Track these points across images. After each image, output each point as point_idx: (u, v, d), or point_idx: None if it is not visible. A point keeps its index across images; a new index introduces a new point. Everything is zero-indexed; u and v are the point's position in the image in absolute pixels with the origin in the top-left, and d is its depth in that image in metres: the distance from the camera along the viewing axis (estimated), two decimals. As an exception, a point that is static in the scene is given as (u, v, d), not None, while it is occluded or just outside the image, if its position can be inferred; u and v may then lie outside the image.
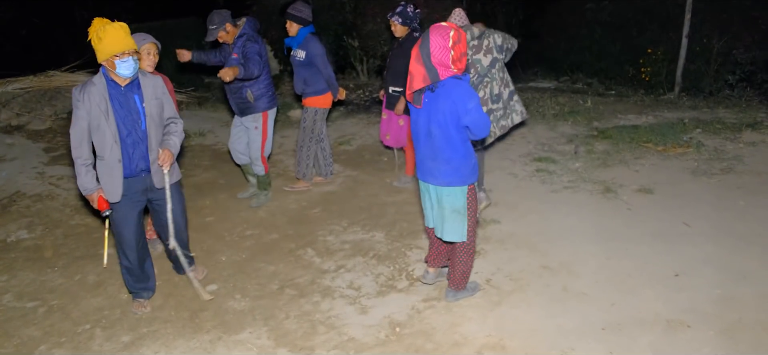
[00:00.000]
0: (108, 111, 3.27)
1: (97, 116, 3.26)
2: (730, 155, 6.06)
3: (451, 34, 3.09)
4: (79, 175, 3.37)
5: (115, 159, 3.36)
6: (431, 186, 3.42)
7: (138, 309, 3.67)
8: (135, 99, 3.36)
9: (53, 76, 9.15)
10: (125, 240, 3.55)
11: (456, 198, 3.34)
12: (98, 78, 3.29)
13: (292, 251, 4.44)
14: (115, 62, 3.21)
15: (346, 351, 3.24)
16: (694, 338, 3.20)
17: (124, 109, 3.33)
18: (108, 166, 3.36)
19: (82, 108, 3.26)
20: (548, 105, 8.48)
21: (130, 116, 3.35)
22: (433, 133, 3.25)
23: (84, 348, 3.37)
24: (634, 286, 3.73)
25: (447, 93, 3.15)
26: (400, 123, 5.41)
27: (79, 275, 4.21)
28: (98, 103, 3.25)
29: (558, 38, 12.04)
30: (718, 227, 4.48)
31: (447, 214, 3.37)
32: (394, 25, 5.17)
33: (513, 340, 3.25)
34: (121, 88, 3.31)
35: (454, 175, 3.29)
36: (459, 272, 3.56)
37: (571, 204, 5.04)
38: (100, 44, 3.18)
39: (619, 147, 6.45)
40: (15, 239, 4.84)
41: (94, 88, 3.26)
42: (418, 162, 3.45)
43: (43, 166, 6.46)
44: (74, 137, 3.31)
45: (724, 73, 9.31)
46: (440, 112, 3.18)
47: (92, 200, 3.41)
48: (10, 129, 7.68)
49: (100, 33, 3.17)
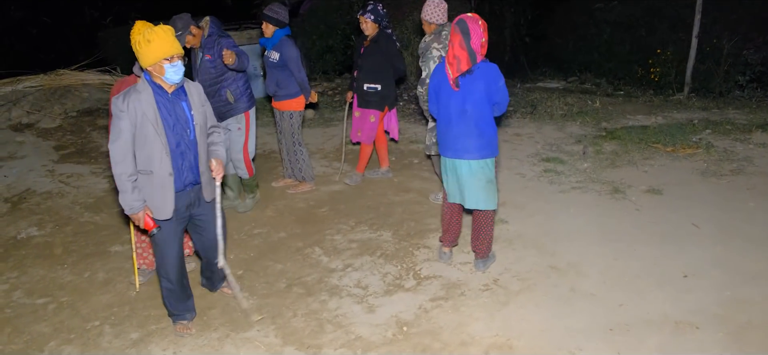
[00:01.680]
0: (157, 120, 3.02)
1: (144, 126, 3.00)
2: (740, 156, 6.02)
3: (480, 24, 3.57)
4: (124, 192, 3.05)
5: (165, 172, 3.09)
6: (464, 162, 3.73)
7: (183, 331, 3.43)
8: (183, 106, 3.13)
9: (63, 75, 9.24)
10: (169, 261, 3.30)
11: (489, 169, 3.77)
12: (142, 85, 3.04)
13: (300, 250, 4.45)
14: (164, 67, 3.00)
15: (354, 350, 3.24)
16: (703, 339, 3.18)
17: (173, 117, 3.09)
18: (157, 180, 3.09)
19: (125, 118, 2.97)
20: (556, 105, 8.46)
21: (179, 125, 3.11)
22: (468, 111, 3.65)
23: (93, 345, 3.40)
24: (643, 287, 3.71)
25: (482, 74, 3.61)
26: (371, 120, 5.43)
27: (88, 272, 4.24)
28: (145, 111, 2.99)
29: (566, 38, 12.02)
30: (727, 228, 4.45)
31: (483, 184, 3.75)
32: (365, 23, 5.18)
33: (520, 340, 3.24)
34: (169, 94, 3.09)
35: (487, 148, 3.72)
36: (486, 242, 3.94)
37: (580, 205, 5.02)
38: (148, 47, 2.96)
39: (627, 148, 6.42)
40: (25, 236, 4.88)
41: (140, 96, 3.00)
42: (450, 142, 3.76)
43: (53, 164, 6.51)
44: (117, 151, 3.00)
45: (734, 74, 9.25)
46: (477, 91, 3.62)
47: (138, 219, 3.12)
48: (20, 127, 7.75)
49: (148, 35, 2.97)
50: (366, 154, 5.67)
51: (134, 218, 3.13)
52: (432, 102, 3.92)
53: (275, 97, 5.29)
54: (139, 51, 2.99)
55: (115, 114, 3.00)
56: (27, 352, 3.35)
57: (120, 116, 2.97)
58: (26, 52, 13.31)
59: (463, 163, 3.74)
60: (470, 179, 3.75)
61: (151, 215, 3.14)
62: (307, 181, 5.61)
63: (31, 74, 9.06)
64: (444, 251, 4.15)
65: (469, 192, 3.78)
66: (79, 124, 7.97)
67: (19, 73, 9.06)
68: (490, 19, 11.73)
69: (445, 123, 3.77)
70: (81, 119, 8.13)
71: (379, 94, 5.33)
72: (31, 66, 9.61)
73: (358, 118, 5.56)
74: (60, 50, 12.73)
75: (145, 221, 3.12)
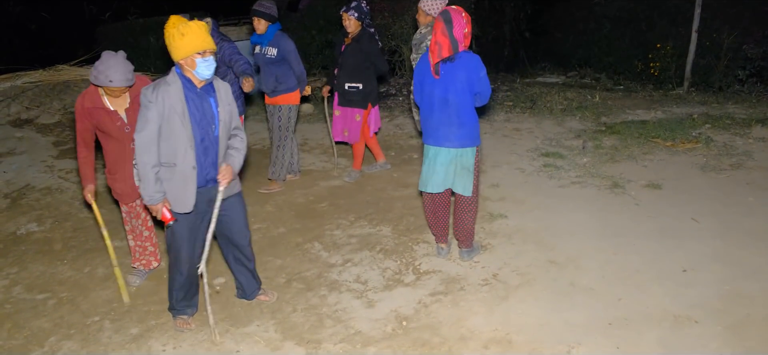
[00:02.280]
0: (184, 113, 3.03)
1: (171, 118, 3.01)
2: (740, 151, 6.02)
3: (464, 16, 3.66)
4: (146, 181, 3.05)
5: (189, 166, 3.09)
6: (444, 149, 3.81)
7: (183, 326, 3.44)
8: (210, 102, 3.14)
9: (62, 70, 9.23)
10: (184, 255, 3.28)
11: (468, 158, 3.83)
12: (173, 78, 3.05)
13: (300, 245, 4.45)
14: (196, 61, 2.99)
15: (353, 345, 3.25)
16: (702, 333, 3.19)
17: (200, 112, 3.09)
18: (180, 173, 3.09)
19: (153, 109, 2.98)
20: (556, 100, 8.45)
21: (204, 120, 3.11)
22: (450, 100, 3.71)
23: (93, 340, 3.40)
24: (642, 281, 3.71)
25: (463, 64, 3.67)
26: (356, 119, 5.41)
27: (88, 268, 4.25)
28: (173, 104, 3.00)
29: (566, 33, 12.00)
30: (727, 222, 4.46)
31: (459, 170, 3.83)
32: (348, 20, 5.13)
33: (520, 334, 3.25)
34: (197, 89, 3.09)
35: (468, 138, 3.78)
36: (467, 231, 3.99)
37: (579, 199, 5.03)
38: (182, 41, 2.96)
39: (627, 142, 6.42)
40: (25, 231, 4.88)
41: (170, 89, 3.01)
42: (431, 130, 3.84)
43: (52, 160, 6.50)
44: (143, 141, 3.00)
45: (734, 68, 9.25)
46: (458, 81, 3.68)
47: (156, 210, 3.13)
48: (19, 123, 7.75)
49: (183, 29, 2.96)
50: (359, 151, 5.65)
51: (152, 208, 3.14)
52: (416, 91, 3.99)
53: (273, 93, 5.23)
54: (172, 44, 3.00)
55: (143, 104, 3.01)
56: (27, 347, 3.35)
57: (148, 107, 2.98)
58: (25, 47, 13.29)
59: (443, 151, 3.83)
60: (449, 166, 3.84)
61: (169, 208, 3.14)
62: (278, 181, 5.50)
63: (30, 70, 9.06)
64: (441, 246, 4.17)
65: (446, 177, 3.88)
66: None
67: (18, 68, 9.05)
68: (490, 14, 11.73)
69: (428, 111, 3.85)
70: (80, 115, 8.11)
71: (361, 92, 5.30)
72: (30, 61, 9.60)
73: (339, 117, 5.49)
74: (59, 46, 12.69)
75: (162, 213, 3.12)
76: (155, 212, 3.15)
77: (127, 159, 3.63)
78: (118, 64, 3.40)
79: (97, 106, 3.54)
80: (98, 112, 3.55)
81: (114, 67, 3.38)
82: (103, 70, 3.38)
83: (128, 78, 3.44)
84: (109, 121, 3.58)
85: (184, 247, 3.27)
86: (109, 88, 3.47)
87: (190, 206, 3.16)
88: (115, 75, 3.39)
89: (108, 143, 3.68)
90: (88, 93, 3.56)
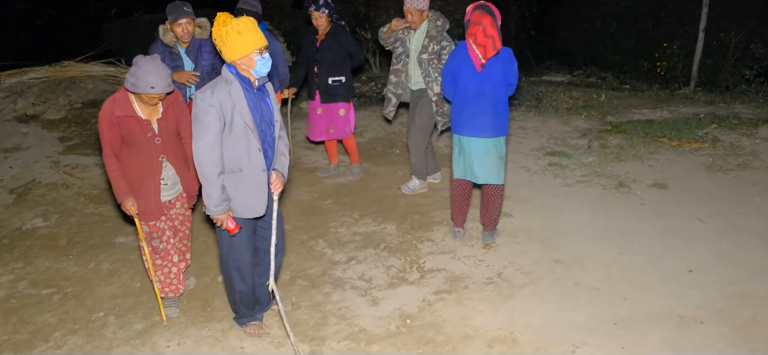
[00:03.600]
0: (248, 115, 2.87)
1: (234, 121, 2.84)
2: (746, 151, 5.99)
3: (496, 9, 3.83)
4: (212, 190, 2.88)
5: (258, 168, 2.95)
6: (480, 140, 3.96)
7: (260, 332, 3.33)
8: (267, 102, 3.00)
9: (68, 66, 9.25)
10: (246, 264, 3.16)
11: (502, 146, 4.04)
12: (230, 78, 2.86)
13: (304, 242, 4.46)
14: (255, 59, 2.84)
15: (357, 342, 3.25)
16: (708, 334, 3.18)
17: (259, 112, 2.94)
18: (249, 177, 2.94)
19: (213, 113, 2.78)
20: (562, 99, 8.42)
21: (263, 121, 2.96)
22: (487, 92, 3.88)
23: (98, 335, 3.41)
24: (647, 281, 3.70)
25: (501, 58, 3.86)
26: (340, 113, 5.36)
27: (93, 263, 4.26)
28: (235, 105, 2.83)
29: (572, 31, 11.95)
30: (733, 223, 4.43)
31: (495, 160, 4.00)
32: (320, 18, 5.03)
33: (524, 333, 3.24)
34: (254, 89, 2.94)
35: (502, 127, 3.99)
36: (496, 214, 4.21)
37: (584, 198, 5.01)
38: (240, 39, 2.78)
39: (633, 142, 6.39)
40: (30, 227, 4.90)
41: (230, 89, 2.83)
42: (465, 120, 3.97)
43: (58, 156, 6.52)
44: (206, 148, 2.82)
45: (741, 68, 9.19)
46: (497, 73, 3.87)
47: (222, 220, 2.96)
48: (25, 118, 7.77)
49: (239, 26, 2.79)
50: (352, 144, 5.62)
51: (217, 219, 2.96)
52: (448, 85, 4.10)
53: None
54: (227, 43, 2.80)
55: (202, 109, 2.80)
56: (32, 342, 3.37)
57: (207, 111, 2.79)
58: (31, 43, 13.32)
59: (479, 142, 3.97)
60: (485, 156, 3.98)
61: (232, 216, 2.99)
62: None
63: (36, 65, 9.07)
64: (457, 229, 4.34)
65: (482, 168, 4.01)
66: (83, 115, 7.98)
67: (24, 64, 9.07)
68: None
69: (462, 103, 3.98)
70: (86, 111, 8.14)
71: (345, 85, 5.27)
72: (35, 57, 9.61)
73: (322, 115, 5.39)
74: (65, 41, 12.72)
75: (228, 222, 2.97)
76: (219, 222, 2.97)
77: (154, 173, 3.32)
78: (159, 69, 3.10)
79: (128, 114, 3.19)
80: (128, 122, 3.21)
81: (154, 72, 3.06)
82: (143, 76, 3.05)
83: (169, 83, 3.13)
84: (139, 131, 3.24)
85: (245, 255, 3.14)
86: (146, 96, 3.12)
87: (261, 209, 3.02)
88: (157, 81, 3.06)
89: (132, 156, 3.29)
90: (119, 100, 3.20)
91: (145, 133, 3.25)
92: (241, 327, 3.36)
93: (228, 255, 3.15)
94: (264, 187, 3.00)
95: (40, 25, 14.09)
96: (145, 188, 3.32)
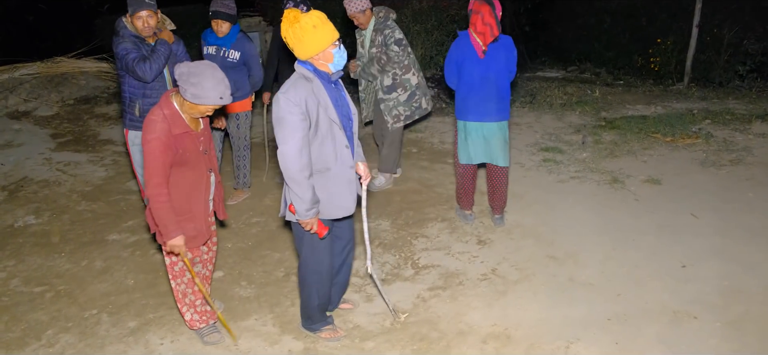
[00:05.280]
0: (332, 111, 2.76)
1: (320, 119, 2.72)
2: (740, 146, 6.01)
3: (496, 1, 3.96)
4: (304, 192, 2.72)
5: (346, 165, 2.85)
6: (486, 124, 4.12)
7: (337, 334, 3.22)
8: (343, 96, 2.89)
9: (60, 62, 9.18)
10: (327, 268, 3.04)
11: (506, 130, 4.21)
12: (308, 74, 2.73)
13: (298, 239, 4.44)
14: (333, 52, 2.73)
15: (352, 339, 3.24)
16: (701, 329, 3.19)
17: (339, 107, 2.82)
18: (337, 176, 2.84)
19: (298, 113, 2.64)
20: (556, 95, 8.43)
21: (344, 115, 2.84)
22: (491, 78, 4.04)
23: (90, 333, 3.39)
24: (641, 277, 3.71)
25: (502, 45, 4.04)
26: None
27: (85, 261, 4.23)
28: (320, 101, 2.72)
29: (566, 27, 11.97)
30: (726, 218, 4.45)
31: (501, 144, 4.18)
32: None
33: (518, 330, 3.24)
34: (332, 83, 2.83)
35: (505, 112, 4.16)
36: (504, 196, 4.38)
37: (578, 194, 5.02)
38: (316, 33, 2.66)
39: (626, 137, 6.41)
40: (22, 224, 4.86)
41: (312, 86, 2.71)
42: (472, 107, 4.11)
43: (50, 152, 6.48)
44: (295, 151, 2.66)
45: (734, 64, 9.22)
46: (500, 60, 4.04)
47: (311, 225, 2.82)
48: (17, 115, 7.71)
49: (313, 20, 2.66)
50: None
51: (307, 223, 2.81)
52: (451, 74, 4.21)
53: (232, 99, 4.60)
54: (303, 39, 2.67)
55: (287, 110, 2.64)
56: (24, 340, 3.34)
57: (292, 112, 2.63)
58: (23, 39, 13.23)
59: (484, 126, 4.13)
60: (491, 139, 4.15)
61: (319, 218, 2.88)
62: (245, 188, 5.22)
63: (27, 62, 9.00)
64: (467, 213, 4.52)
65: (488, 151, 4.20)
66: (76, 112, 7.93)
67: (16, 60, 9.00)
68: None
69: (467, 90, 4.11)
70: (78, 107, 8.09)
71: None
72: (28, 53, 9.54)
73: None
74: (57, 37, 12.64)
75: (319, 226, 2.85)
76: (309, 227, 2.83)
77: (204, 189, 3.01)
78: (223, 76, 2.77)
79: (184, 130, 2.83)
80: (184, 139, 2.84)
81: (221, 80, 2.74)
82: (212, 86, 2.69)
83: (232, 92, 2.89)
84: (193, 146, 2.89)
85: (327, 258, 3.04)
86: (202, 107, 2.78)
87: (352, 207, 2.94)
88: (225, 90, 2.75)
89: (181, 176, 2.89)
90: (170, 116, 2.79)
91: (197, 148, 2.92)
92: (314, 334, 3.24)
93: (309, 260, 3.02)
94: (353, 184, 2.92)
95: (32, 20, 13.97)
96: (196, 209, 2.98)
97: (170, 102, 2.81)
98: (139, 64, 3.82)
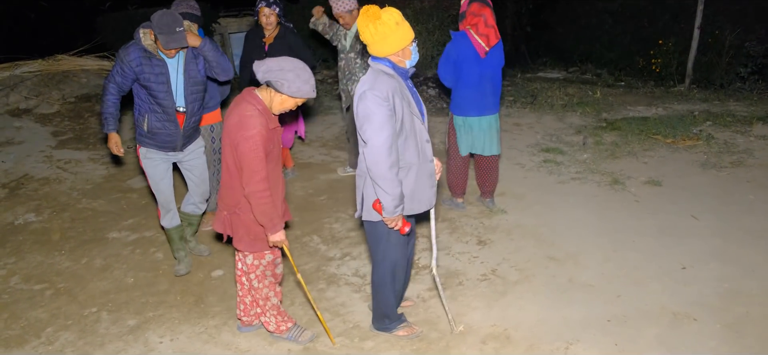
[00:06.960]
0: (413, 106, 2.78)
1: (404, 114, 2.72)
2: (741, 148, 6.01)
3: None
4: (396, 187, 2.70)
5: (427, 159, 2.86)
6: (486, 117, 4.39)
7: (414, 331, 3.20)
8: (415, 92, 2.89)
9: (62, 60, 9.18)
10: (402, 263, 3.03)
11: (498, 121, 4.52)
12: (389, 71, 2.72)
13: (298, 238, 4.44)
14: (411, 49, 2.74)
15: (351, 338, 3.24)
16: (701, 331, 3.18)
17: (417, 102, 2.86)
18: (420, 171, 2.84)
19: (386, 107, 2.62)
20: (557, 95, 8.42)
21: (421, 111, 2.88)
22: (489, 75, 4.30)
23: (90, 331, 3.40)
24: (641, 278, 3.71)
25: (498, 45, 4.30)
26: None
27: (85, 259, 4.23)
28: (403, 97, 2.72)
29: (568, 28, 11.96)
30: (727, 220, 4.45)
31: (495, 134, 4.48)
32: (271, 15, 4.79)
33: (518, 330, 3.24)
34: (408, 80, 2.84)
35: (499, 105, 4.49)
36: (495, 182, 4.73)
37: (579, 195, 5.01)
38: (398, 31, 2.64)
39: (627, 139, 6.40)
40: (23, 221, 4.87)
41: (394, 83, 2.70)
42: (473, 102, 4.34)
43: (50, 150, 6.48)
44: (385, 145, 2.64)
45: (735, 66, 9.21)
46: (497, 59, 4.34)
47: (396, 221, 2.79)
48: (18, 112, 7.71)
49: (396, 17, 2.64)
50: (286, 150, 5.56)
51: (392, 221, 2.78)
52: (448, 72, 4.36)
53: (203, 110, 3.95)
54: (386, 37, 2.65)
55: (375, 104, 2.62)
56: (24, 338, 3.35)
57: (381, 105, 2.62)
58: (24, 36, 13.24)
59: (483, 119, 4.40)
60: (488, 130, 4.44)
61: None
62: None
63: (29, 59, 9.00)
64: (458, 201, 4.77)
65: (487, 141, 4.46)
66: (77, 110, 7.93)
67: (17, 58, 9.00)
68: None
69: (466, 87, 4.33)
70: (79, 105, 8.09)
71: None
72: (29, 51, 9.54)
73: None
74: (58, 35, 12.64)
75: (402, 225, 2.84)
76: (394, 223, 2.80)
77: (281, 184, 3.00)
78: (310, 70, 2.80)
79: (275, 125, 2.83)
80: (274, 134, 2.85)
81: (311, 74, 2.79)
82: (307, 79, 2.73)
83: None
84: (278, 141, 2.91)
85: (403, 252, 3.02)
86: (293, 102, 2.80)
87: (433, 200, 2.94)
88: (314, 83, 2.81)
89: (269, 171, 2.85)
90: (263, 112, 2.77)
91: (280, 143, 2.94)
92: (390, 333, 3.21)
93: (385, 257, 2.99)
94: (433, 178, 2.93)
95: (34, 18, 13.98)
96: (278, 204, 2.94)
97: (259, 98, 2.79)
98: (109, 83, 3.52)
